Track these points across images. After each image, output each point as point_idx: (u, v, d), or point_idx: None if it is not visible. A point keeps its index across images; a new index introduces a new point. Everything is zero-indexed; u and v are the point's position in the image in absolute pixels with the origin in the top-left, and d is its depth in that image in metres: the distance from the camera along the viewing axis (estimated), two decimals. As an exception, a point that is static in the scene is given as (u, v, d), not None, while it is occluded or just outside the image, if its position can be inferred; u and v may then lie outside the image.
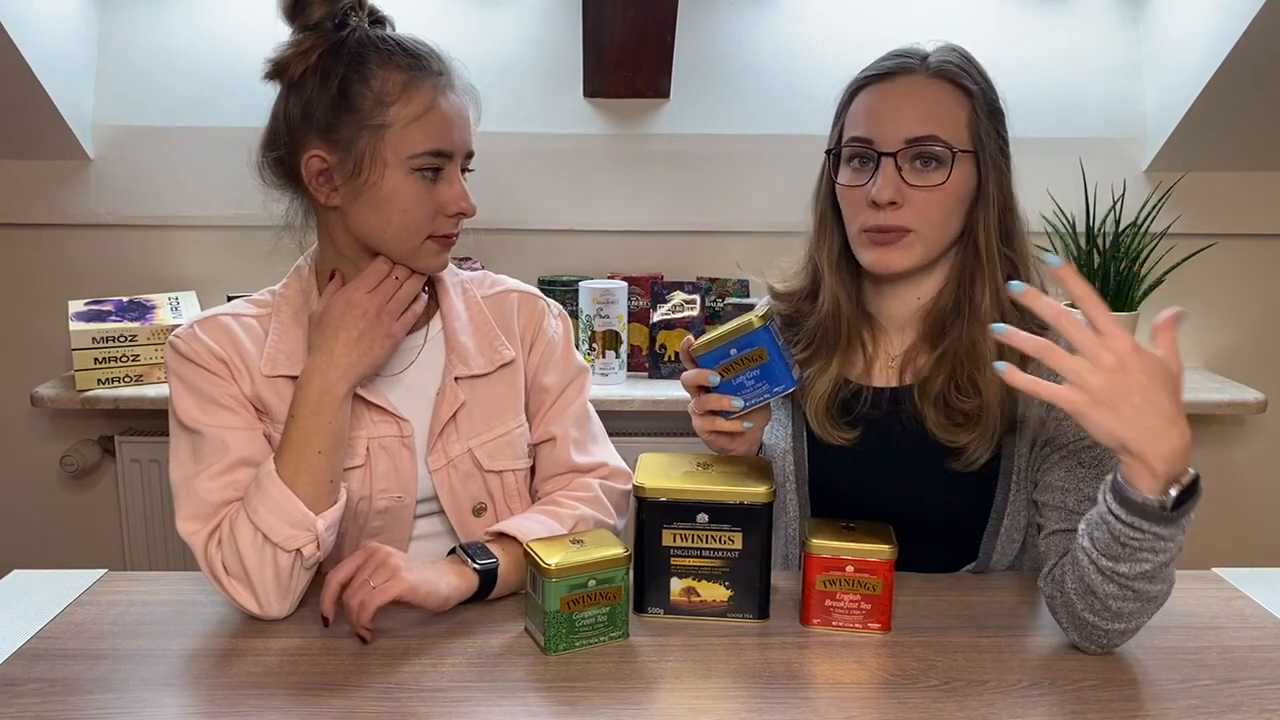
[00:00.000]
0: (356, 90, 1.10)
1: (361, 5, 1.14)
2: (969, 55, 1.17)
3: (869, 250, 1.15)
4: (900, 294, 1.20)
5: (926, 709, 0.93)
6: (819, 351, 1.22)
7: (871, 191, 1.12)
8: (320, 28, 1.12)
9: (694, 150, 2.33)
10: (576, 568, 1.01)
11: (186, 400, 1.14)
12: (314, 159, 1.12)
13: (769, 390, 1.12)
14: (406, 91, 1.10)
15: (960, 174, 1.12)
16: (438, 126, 1.11)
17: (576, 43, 2.20)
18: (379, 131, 1.10)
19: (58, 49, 2.13)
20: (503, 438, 1.24)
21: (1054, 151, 2.30)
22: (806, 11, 2.31)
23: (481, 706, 0.93)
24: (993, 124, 1.15)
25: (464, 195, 1.14)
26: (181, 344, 1.16)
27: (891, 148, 1.11)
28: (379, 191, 1.11)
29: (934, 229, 1.13)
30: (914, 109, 1.12)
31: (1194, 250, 2.28)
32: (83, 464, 2.33)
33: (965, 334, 1.15)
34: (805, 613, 1.08)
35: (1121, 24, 2.35)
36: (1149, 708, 0.94)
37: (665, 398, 2.11)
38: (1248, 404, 2.20)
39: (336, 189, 1.13)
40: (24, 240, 2.33)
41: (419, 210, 1.12)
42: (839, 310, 1.21)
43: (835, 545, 1.05)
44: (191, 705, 0.93)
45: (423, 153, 1.11)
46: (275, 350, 1.17)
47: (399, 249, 1.15)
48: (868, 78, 1.16)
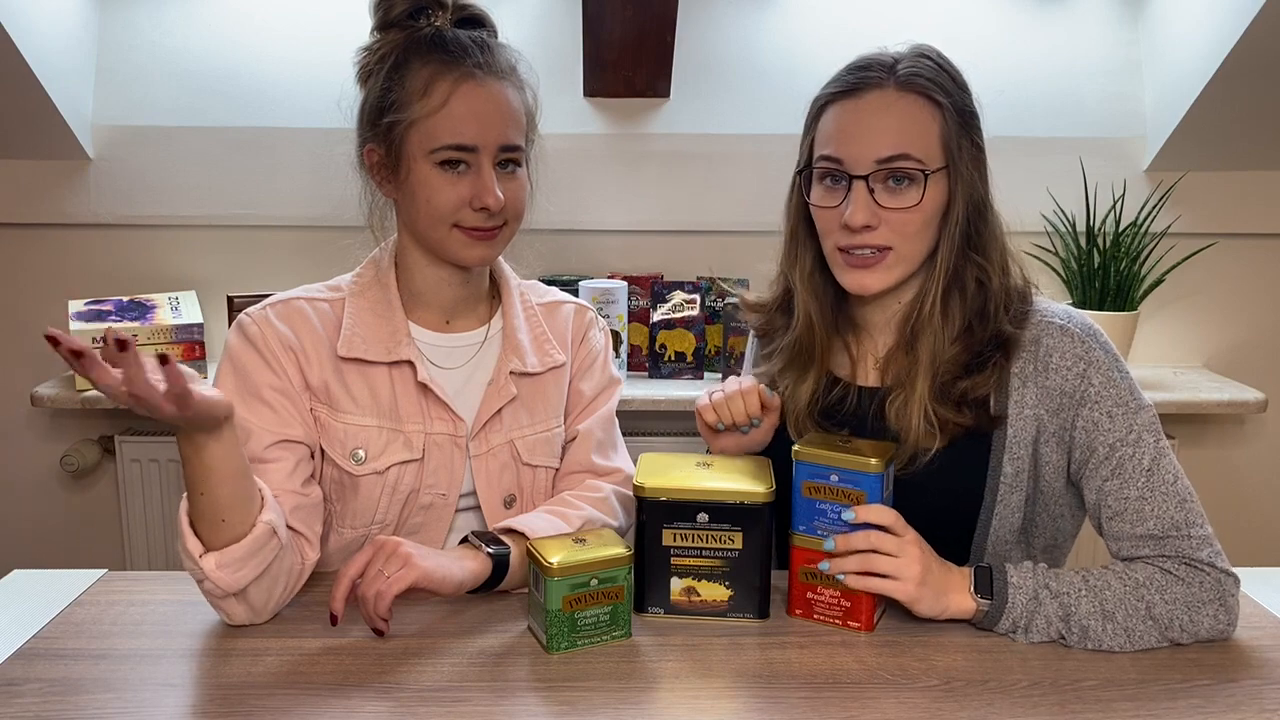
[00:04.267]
0: (396, 86, 1.14)
1: (442, 5, 1.17)
2: (939, 58, 1.15)
3: (847, 273, 1.15)
4: (880, 301, 1.20)
5: (926, 709, 0.93)
6: (793, 364, 1.23)
7: (844, 216, 1.11)
8: (399, 26, 1.16)
9: (694, 150, 2.33)
10: (578, 566, 1.01)
11: (229, 383, 1.16)
12: (370, 153, 1.19)
13: (838, 522, 1.08)
14: (430, 85, 1.13)
15: (934, 190, 1.12)
16: (458, 120, 1.13)
17: (576, 43, 2.20)
18: (409, 126, 1.13)
19: (58, 49, 2.12)
20: (543, 434, 1.27)
21: (1054, 151, 2.30)
22: (806, 11, 2.31)
23: (481, 706, 0.93)
24: (965, 131, 1.13)
25: (487, 189, 1.14)
26: (251, 327, 1.18)
27: (863, 170, 1.10)
28: (411, 184, 1.16)
29: (910, 245, 1.13)
30: (884, 128, 1.10)
31: (1194, 250, 2.28)
32: (83, 464, 2.33)
33: (938, 341, 1.15)
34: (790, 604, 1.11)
35: (1121, 23, 2.35)
36: (1149, 708, 0.94)
37: (665, 397, 2.11)
38: (1248, 404, 2.19)
39: (389, 181, 1.19)
40: (24, 240, 2.33)
41: (442, 201, 1.15)
42: (812, 325, 1.21)
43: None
44: (191, 705, 0.93)
45: (441, 146, 1.13)
46: (351, 333, 1.20)
47: (429, 240, 1.19)
48: (833, 94, 1.14)
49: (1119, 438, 1.11)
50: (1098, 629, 1.03)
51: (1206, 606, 1.05)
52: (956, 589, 1.07)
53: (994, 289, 1.15)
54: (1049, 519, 1.19)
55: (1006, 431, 1.14)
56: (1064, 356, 1.13)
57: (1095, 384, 1.12)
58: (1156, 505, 1.09)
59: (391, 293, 1.23)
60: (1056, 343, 1.14)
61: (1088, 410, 1.12)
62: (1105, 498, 1.11)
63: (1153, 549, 1.08)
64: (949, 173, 1.12)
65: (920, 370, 1.14)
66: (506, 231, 1.20)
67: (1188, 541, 1.07)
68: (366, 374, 1.20)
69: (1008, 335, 1.14)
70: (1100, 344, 1.14)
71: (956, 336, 1.15)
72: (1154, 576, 1.06)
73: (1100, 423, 1.11)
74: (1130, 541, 1.10)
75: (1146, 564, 1.08)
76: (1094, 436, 1.12)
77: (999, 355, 1.14)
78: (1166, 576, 1.06)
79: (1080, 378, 1.12)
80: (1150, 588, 1.05)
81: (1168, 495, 1.09)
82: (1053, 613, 1.04)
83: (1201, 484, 1.27)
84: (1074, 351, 1.13)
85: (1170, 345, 2.44)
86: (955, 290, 1.15)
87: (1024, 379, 1.14)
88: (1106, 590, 1.05)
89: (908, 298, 1.19)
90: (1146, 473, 1.10)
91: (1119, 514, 1.10)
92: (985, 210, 1.16)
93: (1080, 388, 1.12)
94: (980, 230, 1.15)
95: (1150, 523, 1.08)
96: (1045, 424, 1.14)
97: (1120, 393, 1.12)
